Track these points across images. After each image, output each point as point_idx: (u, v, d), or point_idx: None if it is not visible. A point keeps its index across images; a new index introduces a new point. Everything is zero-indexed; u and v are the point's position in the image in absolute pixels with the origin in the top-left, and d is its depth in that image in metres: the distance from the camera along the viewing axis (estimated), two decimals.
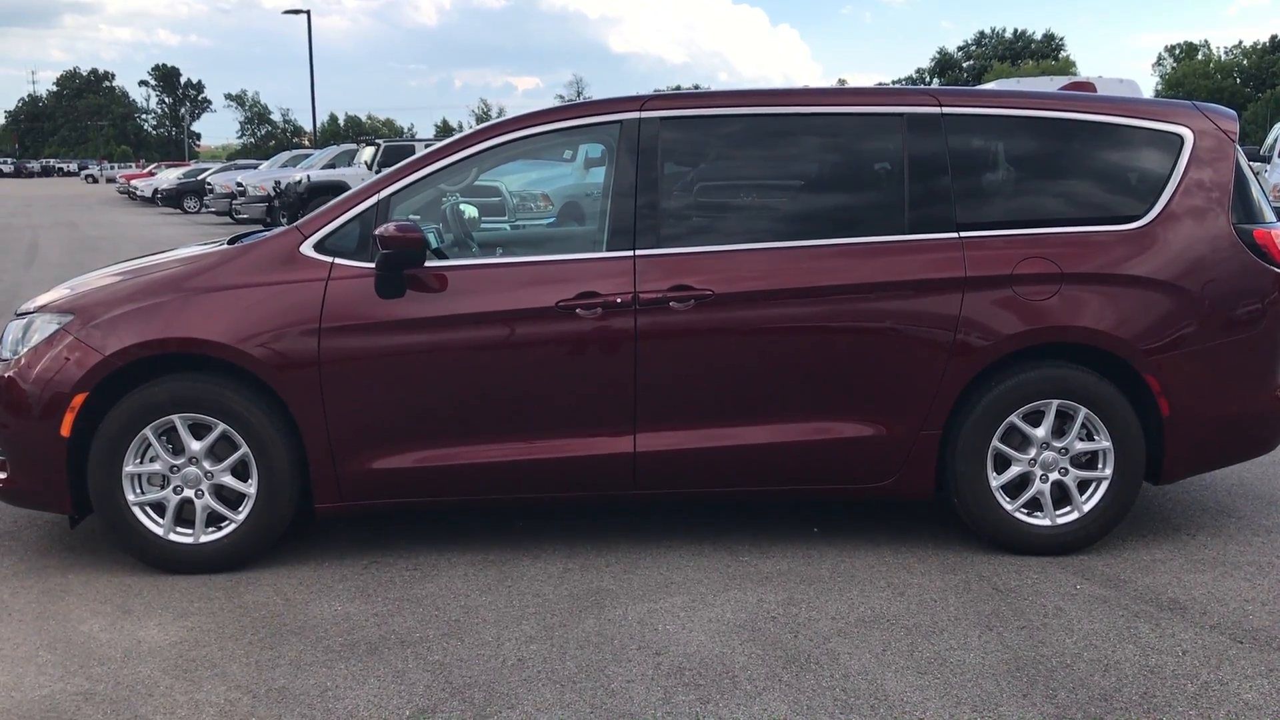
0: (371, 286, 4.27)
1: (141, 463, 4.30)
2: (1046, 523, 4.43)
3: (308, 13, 41.72)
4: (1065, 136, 4.50)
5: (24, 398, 4.28)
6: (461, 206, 5.22)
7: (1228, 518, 4.92)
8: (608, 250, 4.36)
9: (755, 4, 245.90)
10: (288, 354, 4.23)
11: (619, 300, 4.27)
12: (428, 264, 4.29)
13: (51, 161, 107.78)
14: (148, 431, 4.26)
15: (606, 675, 3.48)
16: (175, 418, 4.26)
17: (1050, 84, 13.03)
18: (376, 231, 4.22)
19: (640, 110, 4.46)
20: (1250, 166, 4.62)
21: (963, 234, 4.38)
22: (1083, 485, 4.44)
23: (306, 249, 4.36)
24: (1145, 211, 4.44)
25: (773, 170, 4.71)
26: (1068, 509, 4.44)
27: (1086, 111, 4.52)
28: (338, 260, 4.33)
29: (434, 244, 4.51)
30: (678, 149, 4.52)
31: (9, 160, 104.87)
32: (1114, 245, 4.39)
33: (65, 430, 4.23)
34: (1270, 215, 4.59)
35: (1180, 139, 4.50)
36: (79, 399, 4.22)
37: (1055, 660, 3.55)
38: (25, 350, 4.36)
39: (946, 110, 4.48)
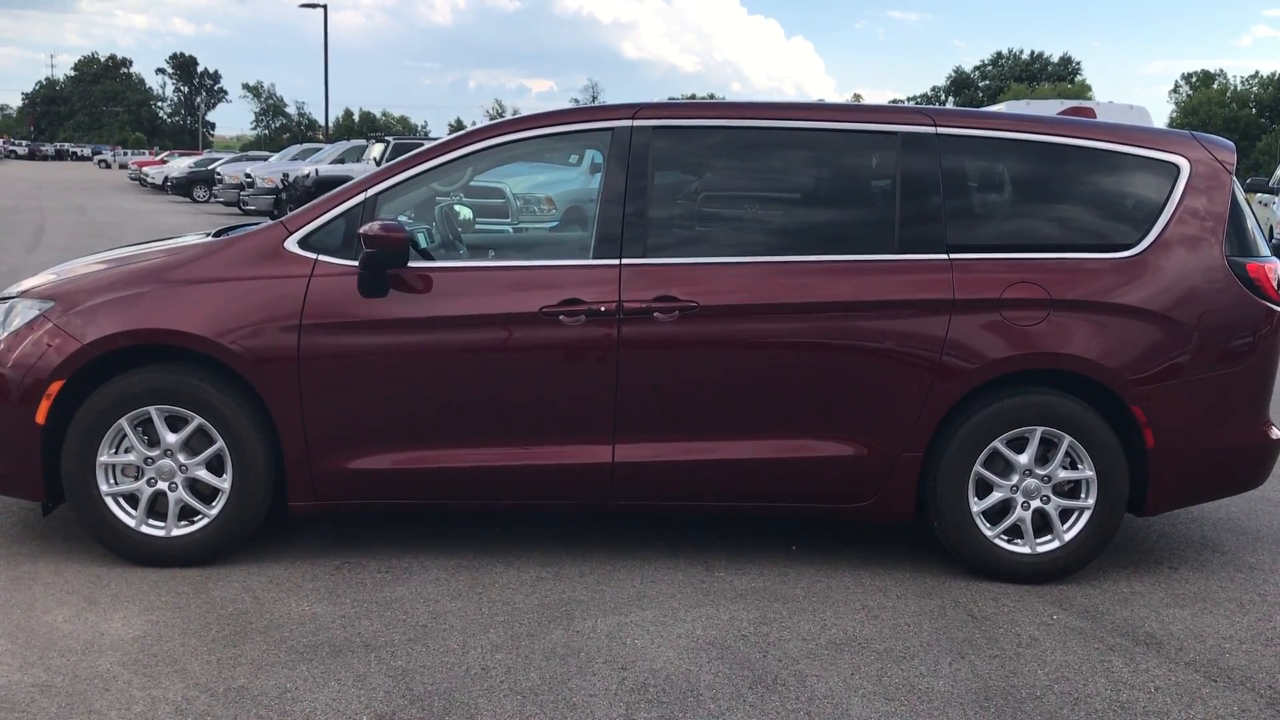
0: (355, 285, 4.24)
1: (116, 453, 4.27)
2: (1026, 550, 4.38)
3: (324, 6, 41.79)
4: (1060, 161, 4.46)
5: (1, 383, 4.25)
6: (457, 208, 5.19)
7: (1211, 553, 4.87)
8: (594, 258, 4.33)
9: (770, 15, 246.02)
10: (267, 349, 4.19)
11: (603, 309, 4.23)
12: (412, 264, 4.26)
13: (65, 145, 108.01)
14: (123, 422, 4.23)
15: (569, 689, 3.43)
16: (152, 409, 4.23)
17: (1048, 107, 12.94)
18: (361, 230, 4.18)
19: (633, 118, 4.42)
20: (1260, 199, 4.58)
21: (952, 256, 4.34)
22: (1064, 514, 4.39)
23: (291, 245, 4.33)
24: (1138, 240, 4.39)
25: (763, 184, 4.68)
26: (1048, 537, 4.39)
27: (1082, 137, 4.47)
28: (322, 257, 4.30)
29: (423, 244, 4.49)
30: (668, 159, 4.49)
31: (23, 143, 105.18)
32: (1105, 273, 4.34)
33: (41, 417, 4.21)
34: (1265, 249, 4.54)
35: (1176, 168, 4.45)
36: (56, 386, 4.20)
37: (1025, 692, 3.50)
38: (5, 335, 4.34)
39: (941, 130, 4.44)
